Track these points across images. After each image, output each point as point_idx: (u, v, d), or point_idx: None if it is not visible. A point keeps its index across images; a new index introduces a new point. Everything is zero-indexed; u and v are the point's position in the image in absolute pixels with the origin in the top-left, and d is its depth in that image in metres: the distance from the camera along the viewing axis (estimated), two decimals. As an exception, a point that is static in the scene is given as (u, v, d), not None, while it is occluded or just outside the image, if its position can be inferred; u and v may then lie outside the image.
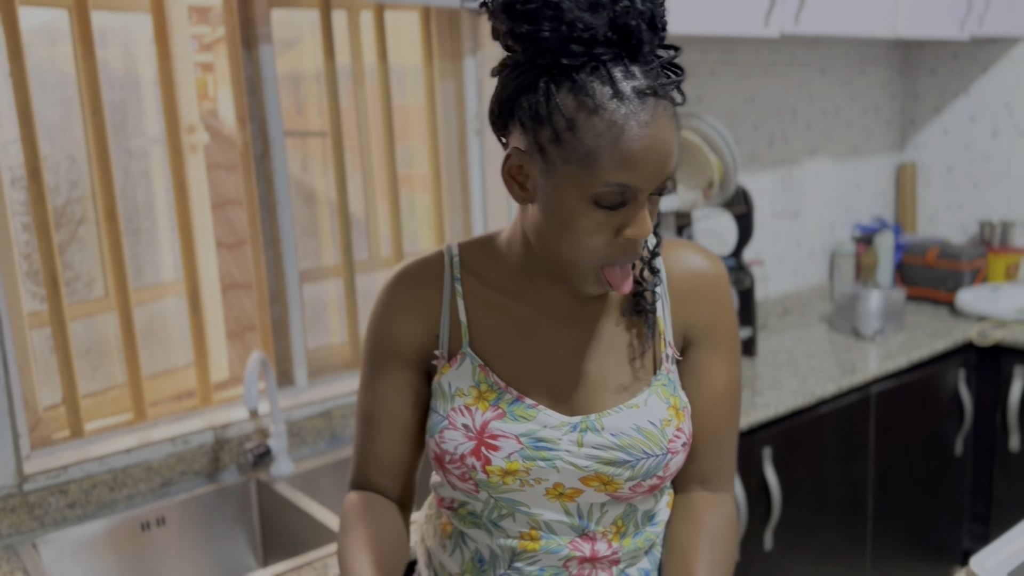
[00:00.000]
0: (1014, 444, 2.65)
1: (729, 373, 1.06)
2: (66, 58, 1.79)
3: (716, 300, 1.05)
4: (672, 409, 1.00)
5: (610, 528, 1.03)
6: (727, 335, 1.06)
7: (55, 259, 1.73)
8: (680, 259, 1.04)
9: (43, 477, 1.66)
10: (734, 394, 1.06)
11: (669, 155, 0.87)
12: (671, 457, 0.98)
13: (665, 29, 0.89)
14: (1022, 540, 1.40)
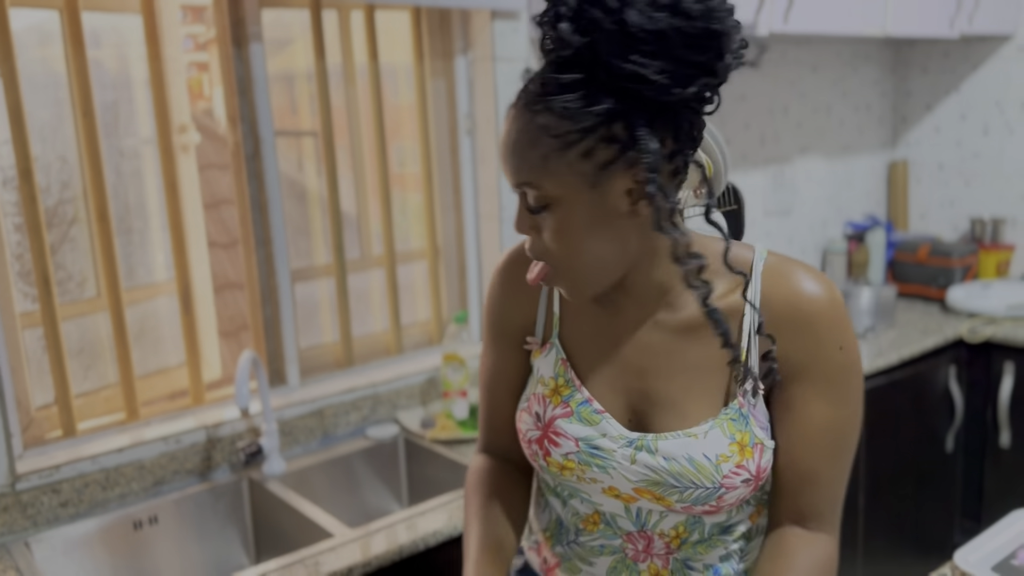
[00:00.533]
0: (1005, 440, 2.66)
1: (830, 414, 0.96)
2: (57, 59, 1.80)
3: (818, 333, 0.95)
4: (736, 445, 0.96)
5: (669, 532, 1.04)
6: (831, 373, 0.96)
7: (47, 259, 1.74)
8: (783, 284, 0.96)
9: (35, 476, 1.67)
10: (835, 435, 0.97)
11: (510, 156, 0.90)
12: (725, 492, 0.97)
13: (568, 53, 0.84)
14: (1006, 535, 1.42)
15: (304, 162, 2.25)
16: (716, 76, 0.85)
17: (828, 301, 0.96)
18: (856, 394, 0.98)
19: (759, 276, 0.98)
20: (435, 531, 1.56)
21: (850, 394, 0.97)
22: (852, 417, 0.98)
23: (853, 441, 1.00)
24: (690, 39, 0.81)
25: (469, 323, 2.32)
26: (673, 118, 0.87)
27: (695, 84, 0.83)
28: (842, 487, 1.01)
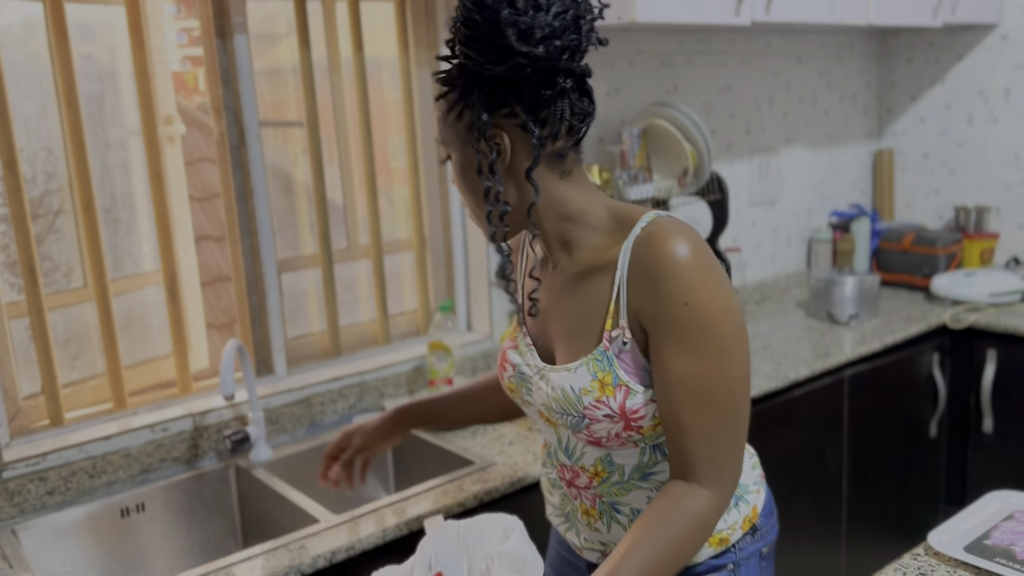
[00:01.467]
0: (987, 426, 2.69)
1: (686, 367, 1.04)
2: (41, 51, 1.80)
3: (661, 288, 1.04)
4: (597, 383, 1.10)
5: (590, 468, 1.18)
6: (679, 328, 1.04)
7: (32, 249, 1.75)
8: (647, 243, 1.06)
9: (22, 464, 1.68)
10: (694, 388, 1.04)
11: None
12: (589, 422, 1.11)
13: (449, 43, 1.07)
14: (980, 515, 1.45)
15: (288, 153, 2.26)
16: (523, 57, 1.01)
17: (677, 258, 1.04)
18: (712, 350, 1.04)
19: (634, 236, 1.08)
20: (419, 515, 1.57)
21: (703, 349, 1.04)
22: (710, 372, 1.04)
23: (720, 398, 1.05)
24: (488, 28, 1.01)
25: (455, 312, 2.34)
26: (510, 93, 1.05)
27: (504, 64, 1.02)
28: (716, 443, 1.06)
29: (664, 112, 2.33)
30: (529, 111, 1.06)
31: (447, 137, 1.11)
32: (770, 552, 1.28)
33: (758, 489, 1.25)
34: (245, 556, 1.47)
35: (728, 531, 1.20)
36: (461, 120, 1.08)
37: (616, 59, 2.49)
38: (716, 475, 1.07)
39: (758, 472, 1.27)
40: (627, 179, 2.28)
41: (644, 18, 1.95)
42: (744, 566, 1.23)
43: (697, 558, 1.20)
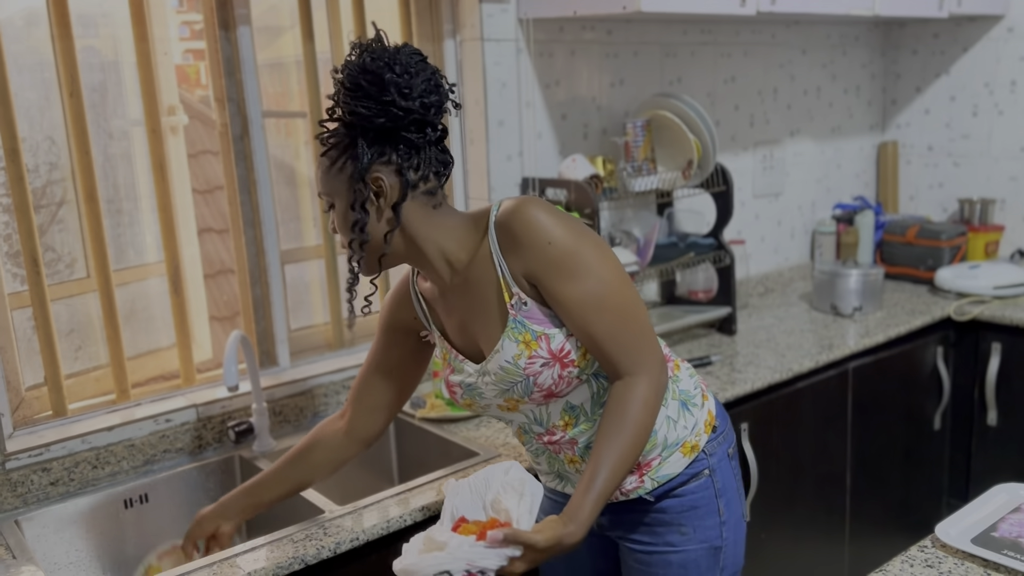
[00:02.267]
0: (992, 419, 2.69)
1: (574, 291, 1.23)
2: (43, 40, 1.80)
3: (525, 240, 1.24)
4: (522, 344, 1.28)
5: (560, 422, 1.36)
6: (555, 263, 1.23)
7: (35, 240, 1.74)
8: (501, 219, 1.27)
9: (25, 455, 1.68)
10: (590, 302, 1.23)
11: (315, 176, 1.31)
12: (535, 377, 1.29)
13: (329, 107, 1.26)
14: (987, 508, 1.44)
15: (294, 145, 2.25)
16: (406, 111, 1.21)
17: (524, 214, 1.24)
18: (587, 267, 1.23)
19: (492, 222, 1.28)
20: (423, 506, 1.57)
21: (578, 270, 1.23)
22: (593, 285, 1.23)
23: (612, 300, 1.24)
24: (372, 86, 1.19)
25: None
26: (388, 142, 1.23)
27: (386, 116, 1.21)
28: (626, 336, 1.25)
29: (669, 103, 2.32)
30: (403, 157, 1.24)
31: (331, 188, 1.26)
32: (734, 454, 1.46)
33: (703, 394, 1.44)
34: (249, 547, 1.46)
35: (694, 437, 1.38)
36: (343, 171, 1.25)
37: (620, 50, 2.48)
38: (639, 361, 1.26)
39: (697, 380, 1.45)
40: (631, 171, 2.27)
41: (649, 7, 1.94)
42: (719, 469, 1.41)
43: (674, 470, 1.37)
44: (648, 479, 1.37)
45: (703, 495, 1.39)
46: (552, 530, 1.18)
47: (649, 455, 1.36)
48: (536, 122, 2.32)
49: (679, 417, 1.37)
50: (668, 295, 2.67)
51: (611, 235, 2.41)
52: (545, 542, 1.15)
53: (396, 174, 1.25)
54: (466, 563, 1.11)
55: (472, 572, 1.12)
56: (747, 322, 2.65)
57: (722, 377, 2.15)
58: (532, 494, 1.19)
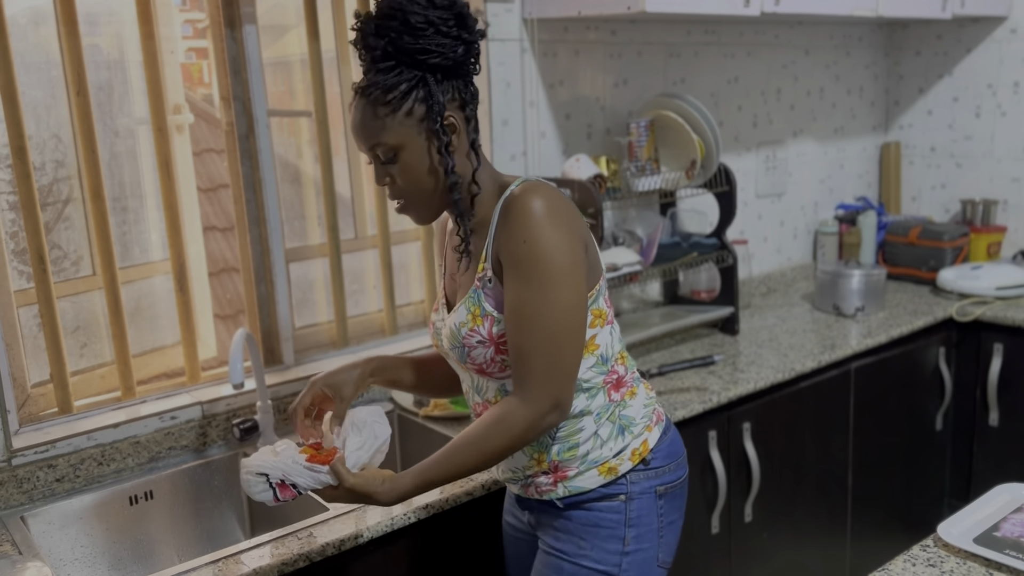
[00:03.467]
0: (993, 419, 2.69)
1: (518, 293, 1.24)
2: (50, 38, 1.80)
3: (512, 226, 1.24)
4: (471, 315, 1.31)
5: (492, 400, 1.37)
6: (517, 260, 1.23)
7: (41, 237, 1.75)
8: (512, 197, 1.26)
9: (31, 452, 1.69)
10: (522, 312, 1.24)
11: (358, 131, 1.26)
12: (470, 349, 1.32)
13: (378, 52, 1.21)
14: (989, 507, 1.45)
15: (298, 144, 2.26)
16: (471, 44, 1.22)
17: (527, 206, 1.23)
18: (541, 281, 1.22)
19: (505, 195, 1.28)
20: (427, 504, 1.58)
21: (533, 279, 1.23)
22: (537, 298, 1.23)
23: (543, 322, 1.23)
24: (447, 21, 1.19)
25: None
26: (454, 78, 1.24)
27: (460, 50, 1.21)
28: (536, 360, 1.24)
29: (672, 103, 2.33)
30: (462, 90, 1.25)
31: (399, 136, 1.23)
32: (670, 494, 1.42)
33: (648, 426, 1.40)
34: (254, 544, 1.47)
35: (615, 460, 1.36)
36: (411, 116, 1.23)
37: (624, 50, 2.48)
38: (528, 389, 1.25)
39: (651, 410, 1.42)
40: (635, 170, 2.28)
41: (654, 8, 1.94)
42: (637, 500, 1.37)
43: (588, 485, 1.36)
44: (561, 486, 1.37)
45: (611, 517, 1.37)
46: (367, 480, 1.26)
47: (568, 464, 1.36)
48: (540, 122, 2.33)
49: (609, 439, 1.36)
50: (671, 295, 2.67)
51: (614, 234, 2.41)
52: (353, 485, 1.25)
53: (460, 109, 1.26)
54: (282, 473, 1.25)
55: (285, 483, 1.25)
56: (749, 322, 2.65)
57: (724, 377, 2.16)
58: (372, 436, 1.31)
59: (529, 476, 1.39)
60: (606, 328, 1.36)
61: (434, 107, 1.22)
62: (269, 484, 1.25)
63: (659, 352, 2.38)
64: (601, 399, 1.36)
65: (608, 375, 1.36)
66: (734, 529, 2.18)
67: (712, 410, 2.05)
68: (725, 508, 2.13)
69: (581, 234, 1.28)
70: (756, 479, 2.16)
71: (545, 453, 1.36)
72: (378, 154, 1.26)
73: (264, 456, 1.27)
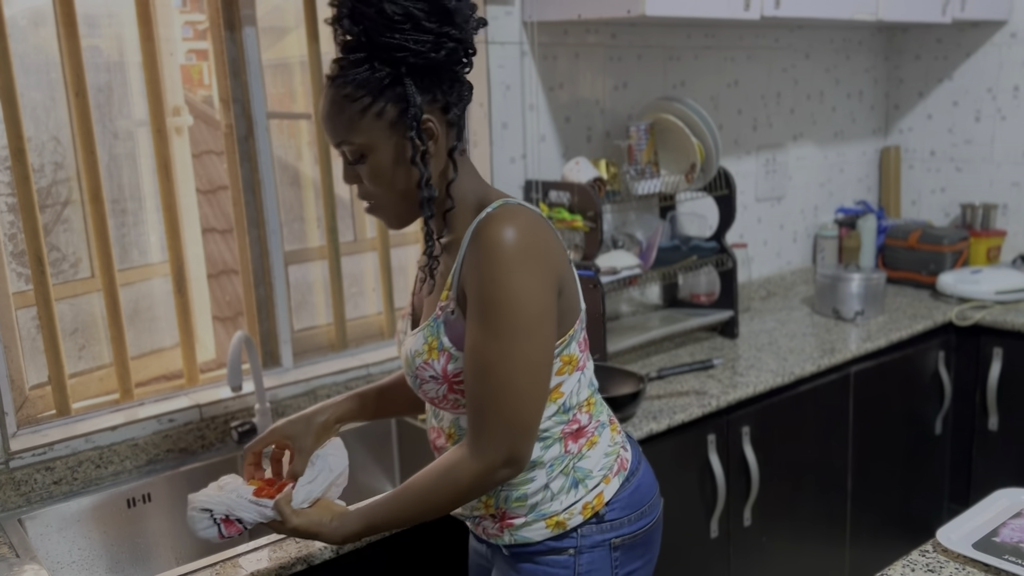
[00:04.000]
0: (992, 424, 2.69)
1: (478, 338, 1.14)
2: (49, 40, 1.80)
3: (479, 261, 1.13)
4: (427, 346, 1.21)
5: (447, 428, 1.30)
6: (481, 300, 1.13)
7: (40, 239, 1.75)
8: (485, 223, 1.15)
9: (29, 454, 1.69)
10: (480, 358, 1.14)
11: (326, 125, 1.16)
12: (420, 381, 1.24)
13: (351, 41, 1.11)
14: (988, 513, 1.44)
15: (298, 146, 2.26)
16: (460, 42, 1.10)
17: (498, 240, 1.12)
18: (502, 328, 1.12)
19: (480, 218, 1.17)
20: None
21: (495, 325, 1.12)
22: (495, 347, 1.12)
23: (500, 372, 1.13)
24: (430, 16, 1.07)
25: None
26: (437, 78, 1.13)
27: (444, 49, 1.09)
28: (487, 412, 1.15)
29: (672, 107, 2.33)
30: (448, 93, 1.15)
31: (367, 137, 1.13)
32: (628, 545, 1.31)
33: (607, 477, 1.29)
34: (252, 547, 1.47)
35: (564, 515, 1.26)
36: (382, 117, 1.12)
37: (624, 53, 2.48)
38: (480, 442, 1.16)
39: (614, 459, 1.31)
40: (634, 174, 2.28)
41: (654, 12, 1.94)
42: (588, 554, 1.27)
43: (536, 536, 1.27)
44: (508, 533, 1.29)
45: (558, 572, 1.27)
46: (312, 519, 1.23)
47: (515, 511, 1.27)
48: (540, 125, 2.33)
49: (560, 492, 1.26)
50: (670, 298, 2.67)
51: (614, 237, 2.41)
52: (296, 526, 1.23)
53: (442, 112, 1.15)
54: (227, 508, 1.24)
55: (230, 518, 1.24)
56: (749, 325, 2.65)
57: (724, 380, 2.16)
58: (326, 469, 1.30)
59: (477, 516, 1.32)
60: (575, 375, 1.26)
61: (409, 110, 1.11)
62: (214, 520, 1.24)
63: (658, 355, 2.38)
64: (556, 450, 1.25)
65: (568, 424, 1.26)
66: (733, 533, 2.18)
67: (711, 414, 2.04)
68: (724, 512, 2.13)
69: (557, 274, 1.17)
70: (755, 483, 2.16)
71: (493, 498, 1.28)
72: (345, 152, 1.17)
73: (209, 491, 1.26)
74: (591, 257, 2.14)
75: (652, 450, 1.94)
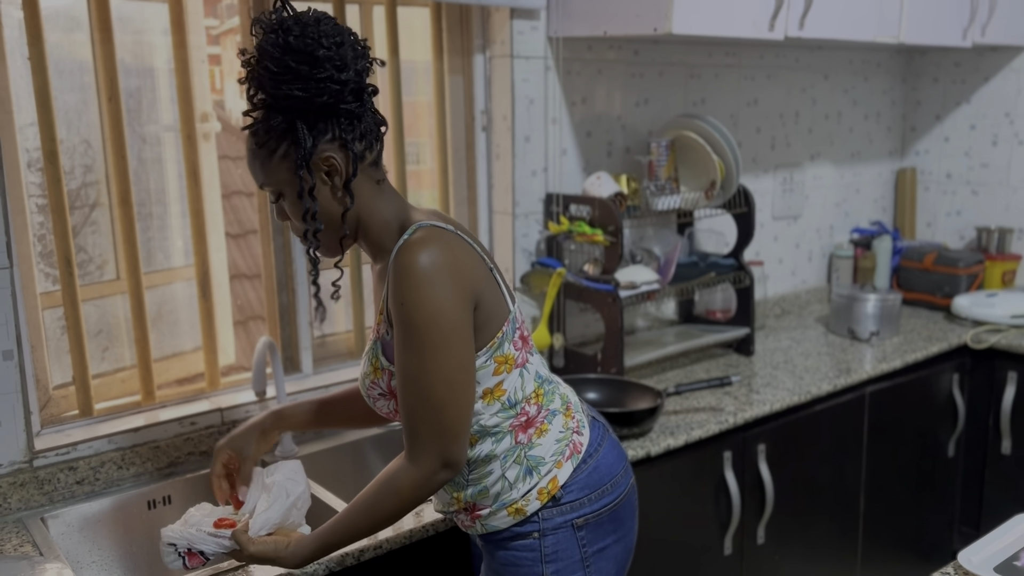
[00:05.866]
0: (1006, 447, 2.69)
1: (399, 356, 1.23)
2: (83, 44, 1.82)
3: (393, 285, 1.22)
4: (372, 367, 1.33)
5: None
6: (398, 319, 1.22)
7: (69, 241, 1.77)
8: (400, 248, 1.23)
9: (53, 454, 1.70)
10: (403, 373, 1.23)
11: (249, 169, 1.27)
12: (373, 400, 1.36)
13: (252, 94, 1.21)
14: (1008, 537, 1.45)
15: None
16: (343, 84, 1.19)
17: (408, 265, 1.20)
18: (417, 345, 1.21)
19: (399, 243, 1.24)
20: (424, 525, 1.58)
21: (411, 343, 1.21)
22: (414, 362, 1.22)
23: (422, 385, 1.22)
24: (303, 66, 1.16)
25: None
26: (329, 119, 1.21)
27: (326, 93, 1.18)
28: (416, 423, 1.24)
29: (693, 124, 2.35)
30: (345, 129, 1.22)
31: (276, 179, 1.24)
32: (592, 523, 1.38)
33: (559, 462, 1.36)
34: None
35: (522, 502, 1.34)
36: (286, 159, 1.22)
37: (646, 70, 2.50)
38: (415, 451, 1.25)
39: (565, 444, 1.38)
40: (654, 189, 2.29)
41: (680, 30, 1.96)
42: (552, 536, 1.35)
43: (501, 524, 1.36)
44: (479, 524, 1.38)
45: (526, 555, 1.36)
46: (268, 547, 1.29)
47: (481, 503, 1.36)
48: (562, 139, 2.35)
49: (516, 481, 1.34)
50: (686, 314, 2.68)
51: (632, 252, 2.43)
52: (253, 554, 1.29)
53: (342, 148, 1.23)
54: (188, 542, 1.30)
55: (193, 551, 1.30)
56: (764, 343, 2.66)
57: (740, 398, 2.16)
58: (283, 494, 1.34)
59: (452, 512, 1.42)
60: (514, 372, 1.32)
61: (300, 151, 1.20)
62: (179, 553, 1.30)
63: (674, 371, 2.39)
64: (507, 442, 1.33)
65: (516, 418, 1.34)
66: (747, 551, 2.18)
67: (728, 431, 2.05)
68: (738, 530, 2.13)
69: (470, 288, 1.25)
70: (770, 501, 2.16)
71: (461, 493, 1.37)
72: (268, 193, 1.28)
73: (176, 526, 1.33)
74: (611, 271, 2.15)
75: (669, 465, 1.95)
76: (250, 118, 1.23)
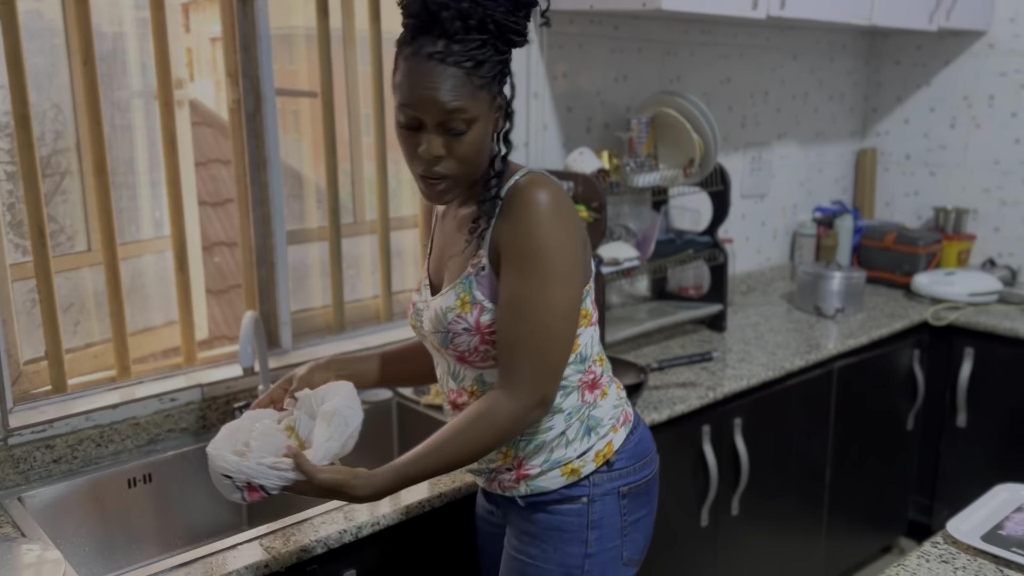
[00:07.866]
0: (961, 421, 2.79)
1: (516, 283, 1.23)
2: (54, 5, 1.74)
3: (516, 218, 1.23)
4: (459, 301, 1.29)
5: (468, 388, 1.35)
6: (520, 251, 1.22)
7: (42, 210, 1.69)
8: (518, 188, 1.25)
9: (28, 431, 1.64)
10: (517, 302, 1.23)
11: (438, 96, 1.17)
12: (453, 335, 1.30)
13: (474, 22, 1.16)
14: (990, 506, 1.50)
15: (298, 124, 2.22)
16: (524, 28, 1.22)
17: (534, 199, 1.22)
18: (539, 275, 1.21)
19: (511, 183, 1.27)
20: (420, 501, 1.57)
21: (532, 273, 1.22)
22: (533, 293, 1.22)
23: (537, 316, 1.22)
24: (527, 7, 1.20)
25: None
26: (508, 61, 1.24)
27: (525, 36, 1.22)
28: (523, 354, 1.23)
29: (673, 101, 2.35)
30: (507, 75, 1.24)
31: (478, 110, 1.19)
32: (634, 493, 1.39)
33: (615, 427, 1.38)
34: (269, 529, 1.45)
35: (578, 462, 1.34)
36: (490, 92, 1.21)
37: (625, 46, 2.50)
38: (516, 384, 1.24)
39: (620, 411, 1.40)
40: (634, 166, 2.30)
41: (670, 6, 1.96)
42: (599, 502, 1.36)
43: (550, 485, 1.34)
44: (524, 484, 1.35)
45: (573, 520, 1.35)
46: (336, 477, 1.20)
47: (531, 461, 1.34)
48: (543, 113, 2.33)
49: (575, 439, 1.34)
50: (659, 290, 2.70)
51: (611, 229, 2.43)
52: (322, 481, 1.19)
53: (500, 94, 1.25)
54: (248, 477, 1.18)
55: (253, 485, 1.19)
56: (733, 319, 2.70)
57: (717, 373, 2.20)
58: (342, 423, 1.25)
59: (493, 470, 1.38)
60: (589, 329, 1.35)
61: (511, 90, 1.24)
62: (236, 486, 1.20)
63: (649, 347, 2.41)
64: (575, 399, 1.34)
65: (585, 374, 1.35)
66: (721, 522, 2.23)
67: (708, 405, 2.08)
68: (713, 503, 2.17)
69: (581, 233, 1.28)
70: (745, 473, 2.21)
71: (512, 448, 1.34)
72: (451, 123, 1.19)
73: (224, 456, 1.20)
74: (594, 247, 2.15)
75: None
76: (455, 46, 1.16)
